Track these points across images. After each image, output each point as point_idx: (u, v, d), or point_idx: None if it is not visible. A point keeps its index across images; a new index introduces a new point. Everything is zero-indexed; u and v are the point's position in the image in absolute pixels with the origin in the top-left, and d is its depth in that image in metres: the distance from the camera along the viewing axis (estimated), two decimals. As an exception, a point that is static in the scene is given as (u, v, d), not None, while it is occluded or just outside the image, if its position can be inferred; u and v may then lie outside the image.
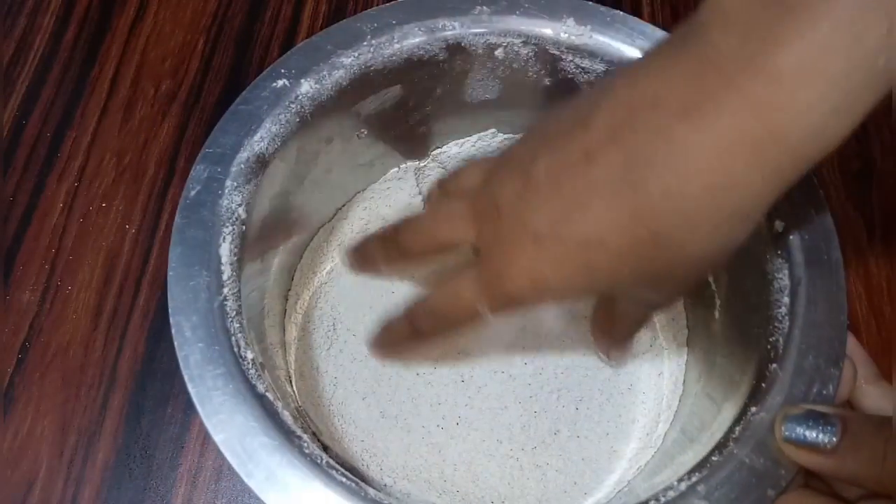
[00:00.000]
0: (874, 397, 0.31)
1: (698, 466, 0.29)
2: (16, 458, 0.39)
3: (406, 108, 0.40)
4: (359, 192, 0.44)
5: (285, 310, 0.41)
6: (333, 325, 0.41)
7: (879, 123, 0.49)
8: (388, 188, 0.44)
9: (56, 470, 0.39)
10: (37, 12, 0.53)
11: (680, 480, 0.28)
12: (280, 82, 0.35)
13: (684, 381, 0.40)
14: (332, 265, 0.43)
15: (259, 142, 0.34)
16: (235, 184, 0.33)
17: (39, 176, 0.47)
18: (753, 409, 0.29)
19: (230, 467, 0.39)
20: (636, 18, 0.37)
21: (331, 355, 0.40)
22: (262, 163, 0.34)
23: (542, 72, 0.38)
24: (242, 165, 0.33)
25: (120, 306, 0.43)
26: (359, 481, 0.28)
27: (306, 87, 0.35)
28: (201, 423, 0.40)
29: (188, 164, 0.33)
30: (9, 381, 0.41)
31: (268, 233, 0.37)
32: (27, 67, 0.51)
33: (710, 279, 0.39)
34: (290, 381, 0.39)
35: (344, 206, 0.44)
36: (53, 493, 0.39)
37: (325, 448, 0.38)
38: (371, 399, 0.39)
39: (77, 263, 0.44)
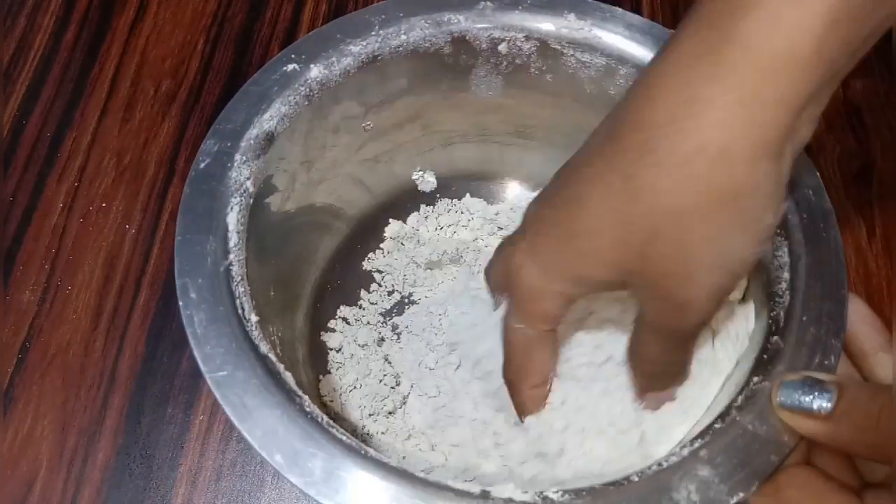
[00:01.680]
0: (887, 367, 0.31)
1: (701, 434, 0.29)
2: (16, 458, 0.39)
3: (411, 102, 0.40)
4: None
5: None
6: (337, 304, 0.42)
7: (879, 123, 0.49)
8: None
9: (56, 470, 0.39)
10: (37, 12, 0.53)
11: (682, 446, 0.28)
12: (290, 66, 0.36)
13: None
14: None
15: (268, 120, 0.35)
16: (244, 158, 0.34)
17: (39, 176, 0.47)
18: (756, 378, 0.30)
19: (230, 467, 0.40)
20: (634, 14, 0.38)
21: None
22: (270, 140, 0.35)
23: (544, 67, 0.39)
24: (252, 141, 0.34)
25: (120, 306, 0.43)
26: (359, 441, 0.28)
27: (315, 71, 0.36)
28: (201, 423, 0.40)
29: (188, 164, 0.33)
30: (9, 381, 0.41)
31: (268, 235, 0.37)
32: (27, 67, 0.51)
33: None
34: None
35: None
36: (53, 493, 0.39)
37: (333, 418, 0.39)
38: (376, 382, 0.39)
39: (77, 263, 0.45)
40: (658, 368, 0.32)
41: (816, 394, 0.27)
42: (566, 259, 0.29)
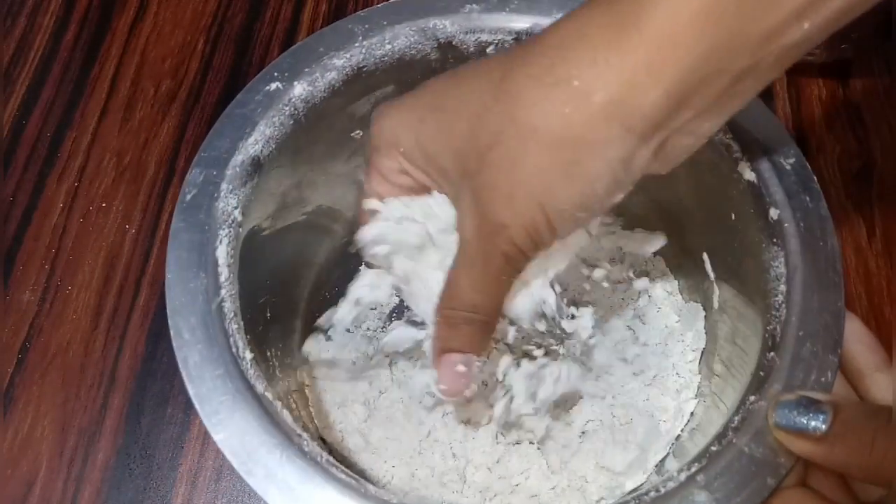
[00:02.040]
0: (884, 387, 0.31)
1: (698, 457, 0.29)
2: (16, 458, 0.39)
3: None
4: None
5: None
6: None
7: (879, 123, 0.49)
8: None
9: (56, 470, 0.39)
10: (37, 12, 0.53)
11: (679, 471, 0.28)
12: (273, 85, 0.35)
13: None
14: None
15: (254, 144, 0.34)
16: (231, 187, 0.33)
17: (39, 176, 0.47)
18: (752, 398, 0.29)
19: (230, 467, 0.39)
20: None
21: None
22: (257, 165, 0.34)
23: None
24: (238, 168, 0.33)
25: (120, 306, 0.43)
26: (358, 478, 0.28)
27: (299, 89, 0.35)
28: (201, 423, 0.40)
29: (188, 164, 0.33)
30: (9, 381, 0.41)
31: (265, 235, 0.37)
32: (27, 67, 0.51)
33: (709, 270, 0.39)
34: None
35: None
36: (53, 493, 0.39)
37: (326, 443, 0.38)
38: (371, 401, 0.39)
39: (77, 263, 0.45)
40: (459, 314, 0.30)
41: (812, 414, 0.27)
42: (423, 126, 0.29)
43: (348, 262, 0.43)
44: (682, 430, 0.38)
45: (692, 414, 0.39)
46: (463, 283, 0.29)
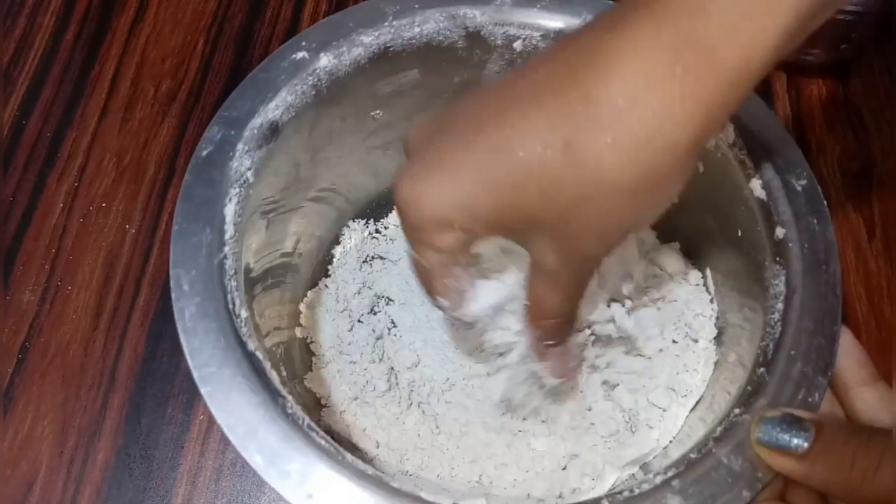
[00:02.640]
0: (868, 402, 0.31)
1: (676, 463, 0.29)
2: (16, 458, 0.39)
3: (423, 93, 0.40)
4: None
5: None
6: (337, 297, 0.42)
7: (879, 123, 0.49)
8: None
9: (56, 470, 0.39)
10: (37, 12, 0.53)
11: (656, 474, 0.28)
12: (300, 54, 0.36)
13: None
14: (342, 245, 0.44)
15: (274, 109, 0.34)
16: (247, 147, 0.33)
17: (39, 176, 0.47)
18: (737, 410, 0.30)
19: (230, 467, 0.39)
20: None
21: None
22: (274, 130, 0.34)
23: None
24: (255, 130, 0.34)
25: (120, 306, 0.43)
26: (337, 446, 0.28)
27: (325, 61, 0.36)
28: (201, 423, 0.40)
29: (188, 164, 0.33)
30: (9, 381, 0.41)
31: (274, 203, 0.37)
32: (27, 67, 0.51)
33: (710, 286, 0.39)
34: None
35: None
36: (53, 493, 0.39)
37: (321, 406, 0.39)
38: (363, 376, 0.40)
39: (77, 263, 0.45)
40: (553, 322, 0.32)
41: (794, 431, 0.27)
42: (482, 202, 0.28)
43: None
44: (669, 442, 0.38)
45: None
46: (553, 299, 0.31)
